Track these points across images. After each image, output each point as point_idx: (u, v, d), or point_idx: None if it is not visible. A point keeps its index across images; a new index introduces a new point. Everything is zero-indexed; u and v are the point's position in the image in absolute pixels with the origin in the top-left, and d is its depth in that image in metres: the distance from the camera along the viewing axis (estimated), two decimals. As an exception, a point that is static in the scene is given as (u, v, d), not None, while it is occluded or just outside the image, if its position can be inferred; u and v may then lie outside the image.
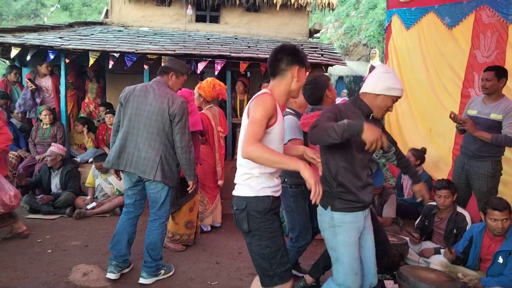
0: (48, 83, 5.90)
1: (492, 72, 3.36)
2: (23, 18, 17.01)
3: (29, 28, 6.00)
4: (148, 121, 2.89)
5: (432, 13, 4.98)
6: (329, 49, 6.61)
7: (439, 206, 3.50)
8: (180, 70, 3.12)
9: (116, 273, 3.03)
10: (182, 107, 2.90)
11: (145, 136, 2.89)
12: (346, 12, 14.07)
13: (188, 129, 2.96)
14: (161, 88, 2.97)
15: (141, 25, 6.96)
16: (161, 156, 2.89)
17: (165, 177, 2.92)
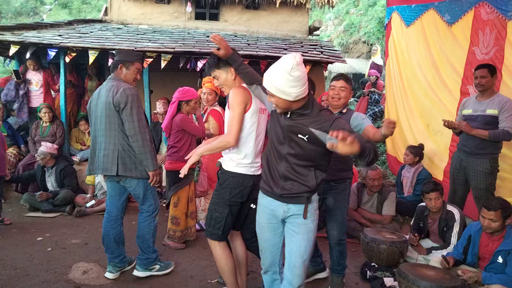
0: (38, 77, 5.86)
1: (486, 69, 3.44)
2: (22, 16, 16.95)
3: (28, 26, 5.99)
4: (102, 119, 2.86)
5: (432, 10, 4.96)
6: (329, 47, 6.60)
7: (431, 208, 3.54)
8: (128, 60, 2.97)
9: (114, 273, 3.05)
10: (125, 94, 2.78)
11: (102, 134, 2.87)
12: (346, 10, 14.02)
13: (137, 116, 2.81)
14: (109, 83, 2.91)
15: (140, 22, 6.95)
16: (118, 150, 2.83)
17: (128, 169, 2.84)
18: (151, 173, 2.90)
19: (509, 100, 3.38)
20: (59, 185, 4.85)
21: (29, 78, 5.79)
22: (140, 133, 2.81)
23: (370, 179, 4.10)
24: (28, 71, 5.83)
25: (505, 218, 2.79)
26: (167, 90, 6.54)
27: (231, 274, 2.52)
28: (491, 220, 2.80)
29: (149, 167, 2.88)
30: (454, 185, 3.78)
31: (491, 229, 2.83)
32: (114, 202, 3.05)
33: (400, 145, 5.54)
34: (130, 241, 3.87)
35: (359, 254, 3.73)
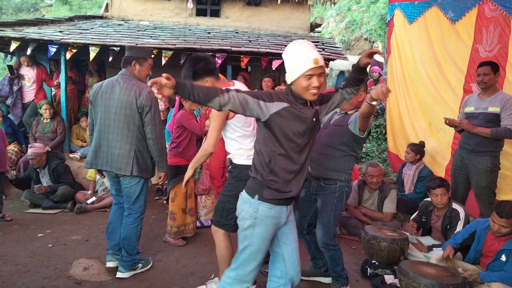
0: (31, 73, 5.86)
1: (489, 67, 3.44)
2: (23, 12, 16.93)
3: (29, 22, 5.98)
4: (117, 117, 2.83)
5: (435, 7, 4.93)
6: (330, 44, 6.57)
7: (436, 205, 3.52)
8: (142, 56, 2.96)
9: (114, 261, 3.08)
10: (150, 97, 2.82)
11: (116, 132, 2.85)
12: (347, 6, 13.97)
13: (158, 120, 2.88)
14: (127, 80, 2.87)
15: (141, 19, 6.93)
16: (135, 151, 2.85)
17: (141, 170, 2.90)
18: (163, 174, 3.03)
19: (511, 98, 3.37)
20: (54, 184, 4.80)
21: (22, 73, 5.81)
22: (161, 136, 2.91)
23: (369, 175, 4.09)
24: (22, 67, 5.84)
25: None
26: (168, 87, 6.53)
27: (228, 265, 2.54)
28: (502, 226, 2.79)
29: (163, 168, 3.00)
30: (455, 183, 3.78)
31: (501, 233, 2.82)
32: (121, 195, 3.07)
33: (402, 143, 5.52)
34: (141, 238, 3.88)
35: (359, 251, 3.73)
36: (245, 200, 2.03)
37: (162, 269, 3.21)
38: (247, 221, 2.01)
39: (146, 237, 3.90)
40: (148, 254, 3.47)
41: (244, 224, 2.02)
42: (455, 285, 2.55)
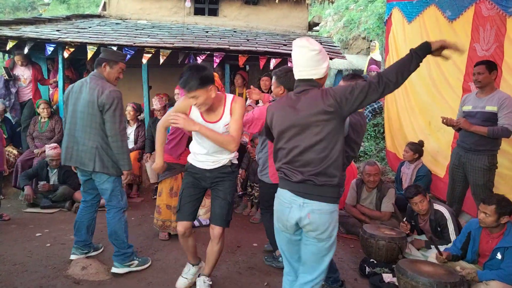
0: (27, 73, 5.75)
1: (483, 66, 3.44)
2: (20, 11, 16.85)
3: (26, 21, 5.95)
4: (82, 115, 2.96)
5: (433, 6, 4.94)
6: (328, 43, 6.58)
7: (418, 212, 3.54)
8: (113, 59, 3.07)
9: (77, 255, 3.21)
10: (111, 96, 2.90)
11: (81, 129, 2.98)
12: (345, 5, 13.96)
13: (119, 118, 2.95)
14: (93, 80, 3.00)
15: (139, 17, 6.91)
16: (97, 147, 2.95)
17: (105, 167, 2.97)
18: (126, 172, 3.07)
19: (509, 97, 3.37)
20: (60, 184, 4.82)
21: (17, 74, 5.70)
22: (120, 134, 2.96)
23: (366, 174, 4.10)
24: (16, 67, 5.72)
25: (500, 215, 2.78)
26: (166, 86, 6.53)
27: None
28: (485, 214, 2.81)
29: (125, 167, 3.04)
30: (453, 182, 3.79)
31: (486, 223, 2.84)
32: (90, 192, 3.21)
33: (400, 142, 5.54)
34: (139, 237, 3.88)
35: (358, 250, 3.74)
36: (332, 210, 1.97)
37: (160, 268, 3.21)
38: (336, 229, 2.01)
39: (145, 236, 3.90)
40: (147, 254, 3.47)
41: (334, 233, 2.00)
42: (453, 283, 2.55)
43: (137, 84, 6.23)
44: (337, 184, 1.96)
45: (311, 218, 1.94)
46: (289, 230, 2.06)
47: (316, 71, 2.02)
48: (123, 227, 3.10)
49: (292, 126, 1.99)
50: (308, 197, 1.95)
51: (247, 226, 4.41)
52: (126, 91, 6.75)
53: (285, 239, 2.11)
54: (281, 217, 2.05)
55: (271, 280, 3.10)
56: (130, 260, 3.11)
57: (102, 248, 3.49)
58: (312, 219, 1.94)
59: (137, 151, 5.51)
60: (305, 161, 1.95)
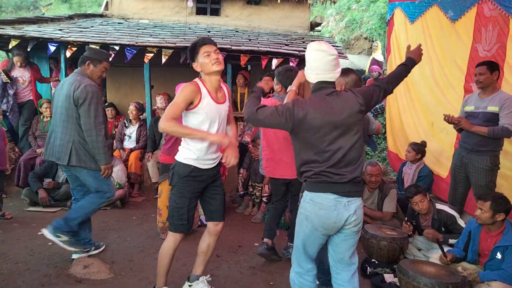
0: (25, 74, 5.60)
1: (484, 66, 3.44)
2: (23, 10, 16.88)
3: (29, 20, 5.97)
4: (60, 110, 3.04)
5: (435, 7, 4.93)
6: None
7: (420, 211, 3.54)
8: (97, 58, 3.14)
9: (78, 254, 3.20)
10: (85, 90, 2.93)
11: (60, 124, 3.04)
12: (347, 5, 13.95)
13: (93, 112, 2.96)
14: (73, 76, 3.06)
15: (141, 17, 6.92)
16: (73, 141, 2.99)
17: (82, 161, 3.01)
18: (102, 167, 3.07)
19: (510, 97, 3.37)
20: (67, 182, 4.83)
21: (16, 75, 5.51)
22: (95, 129, 2.98)
23: (368, 174, 4.09)
24: (14, 68, 5.54)
25: (495, 212, 2.79)
26: (168, 86, 6.53)
27: None
28: (481, 210, 2.84)
29: (101, 161, 3.05)
30: (455, 182, 3.78)
31: (481, 220, 2.87)
32: (78, 189, 3.26)
33: (402, 142, 5.53)
34: (141, 237, 3.89)
35: (359, 250, 3.71)
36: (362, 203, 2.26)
37: (162, 267, 3.21)
38: None
39: (146, 236, 3.91)
40: (148, 253, 3.48)
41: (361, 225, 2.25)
42: (454, 284, 2.56)
43: (139, 83, 6.24)
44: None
45: (358, 213, 2.09)
46: (332, 232, 2.13)
47: (332, 74, 2.15)
48: (86, 213, 3.12)
49: (335, 127, 2.05)
50: (352, 195, 2.08)
51: (248, 226, 4.42)
52: (128, 90, 6.78)
53: (320, 241, 2.16)
54: (326, 222, 2.07)
55: (274, 279, 3.10)
56: (61, 233, 3.05)
57: (103, 246, 3.50)
58: (359, 215, 2.10)
59: (139, 150, 5.52)
60: (347, 161, 2.06)
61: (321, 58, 2.11)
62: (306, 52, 2.20)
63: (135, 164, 5.36)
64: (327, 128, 2.05)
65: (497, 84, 3.58)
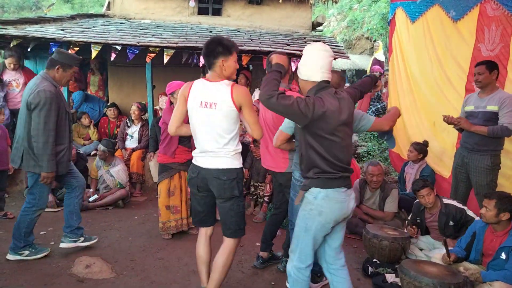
0: (19, 77, 5.24)
1: (483, 66, 3.46)
2: (25, 10, 16.94)
3: (31, 20, 5.98)
4: (20, 113, 3.05)
5: (437, 6, 4.92)
6: (332, 42, 6.57)
7: (425, 205, 3.54)
8: (67, 63, 3.10)
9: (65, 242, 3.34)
10: (38, 96, 2.89)
11: (19, 127, 3.07)
12: (349, 5, 13.95)
13: (43, 119, 2.92)
14: (34, 79, 3.05)
15: (143, 17, 6.93)
16: (24, 146, 3.00)
17: (29, 166, 3.02)
18: (43, 174, 3.01)
19: (510, 96, 3.37)
20: None
21: (7, 79, 5.19)
22: (42, 135, 2.93)
23: (369, 174, 4.09)
24: (5, 71, 5.24)
25: (499, 210, 2.79)
26: (169, 85, 6.54)
27: None
28: (486, 208, 2.84)
29: (43, 168, 3.00)
30: (456, 182, 3.78)
31: (486, 218, 2.86)
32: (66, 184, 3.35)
33: (404, 142, 5.52)
34: (143, 236, 3.90)
35: (361, 250, 3.74)
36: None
37: (164, 267, 3.22)
38: None
39: (148, 235, 3.92)
40: (150, 252, 3.48)
41: None
42: (456, 284, 2.55)
43: (141, 83, 6.25)
44: None
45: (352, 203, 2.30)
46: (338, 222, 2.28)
47: (330, 74, 2.27)
48: (26, 222, 3.15)
49: (344, 125, 2.20)
50: (350, 186, 2.28)
51: (250, 226, 4.38)
52: (130, 90, 6.79)
53: (325, 233, 2.27)
54: (339, 214, 2.23)
55: (275, 279, 3.10)
56: (21, 250, 3.16)
57: (95, 239, 3.51)
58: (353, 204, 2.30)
59: (140, 150, 5.53)
60: (348, 157, 2.26)
61: (326, 57, 2.22)
62: (308, 52, 2.24)
63: (137, 164, 5.37)
64: (339, 127, 2.17)
65: (501, 84, 3.58)
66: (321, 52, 2.21)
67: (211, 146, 2.41)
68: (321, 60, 2.20)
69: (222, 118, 2.37)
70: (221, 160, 2.41)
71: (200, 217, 2.62)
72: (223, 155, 2.40)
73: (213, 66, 2.39)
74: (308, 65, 2.23)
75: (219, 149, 2.40)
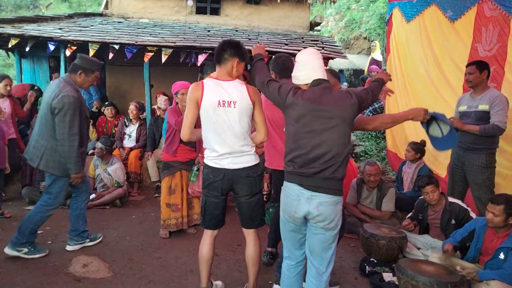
0: (5, 105, 4.61)
1: (474, 66, 3.49)
2: (22, 9, 16.89)
3: (29, 19, 5.97)
4: (41, 113, 3.13)
5: (434, 6, 4.93)
6: (329, 42, 6.58)
7: (430, 201, 3.53)
8: (90, 68, 3.19)
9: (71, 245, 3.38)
10: (62, 101, 2.97)
11: (38, 127, 3.14)
12: (347, 5, 13.97)
13: (68, 123, 3.00)
14: (57, 82, 3.11)
15: (141, 16, 6.92)
16: (46, 147, 3.07)
17: (50, 167, 3.09)
18: (73, 176, 3.15)
19: (500, 95, 3.41)
20: None
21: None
22: (68, 139, 3.03)
23: (367, 174, 4.10)
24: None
25: (509, 215, 2.77)
26: (167, 85, 6.52)
27: None
28: (494, 214, 2.79)
29: (71, 170, 3.13)
30: (453, 181, 3.79)
31: (493, 223, 2.82)
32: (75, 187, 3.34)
33: (401, 141, 5.53)
34: (140, 235, 3.89)
35: (358, 249, 3.74)
36: (337, 201, 2.16)
37: (161, 266, 3.22)
38: (340, 218, 2.20)
39: (145, 234, 3.91)
40: (147, 251, 3.48)
41: (339, 223, 2.19)
42: (453, 283, 2.55)
43: (138, 82, 6.24)
44: None
45: (320, 210, 2.11)
46: (296, 222, 2.22)
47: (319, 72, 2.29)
48: (36, 220, 3.19)
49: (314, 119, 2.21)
50: (318, 190, 2.15)
51: (247, 225, 4.41)
52: (128, 90, 6.79)
53: (290, 228, 2.27)
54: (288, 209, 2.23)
55: (273, 278, 3.10)
56: (20, 247, 3.18)
57: (100, 238, 3.58)
58: (322, 211, 2.11)
59: (138, 150, 5.52)
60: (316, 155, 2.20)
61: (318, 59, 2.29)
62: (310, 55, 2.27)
63: (135, 163, 5.37)
64: (307, 119, 2.14)
65: (498, 84, 3.60)
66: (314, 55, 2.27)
67: (235, 145, 2.42)
68: (317, 60, 2.25)
69: (242, 116, 2.42)
70: (247, 158, 2.47)
71: (216, 220, 2.60)
72: (247, 153, 2.47)
73: (225, 62, 2.42)
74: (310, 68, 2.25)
75: (242, 147, 2.44)
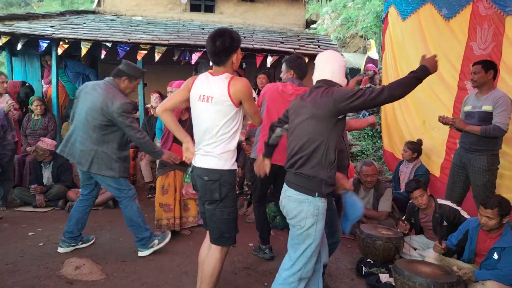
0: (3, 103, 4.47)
1: (479, 65, 3.45)
2: (14, 6, 16.66)
3: (20, 17, 5.88)
4: (88, 117, 3.11)
5: (429, 4, 4.92)
6: (325, 40, 6.55)
7: (419, 206, 3.52)
8: (134, 75, 3.25)
9: (63, 248, 3.34)
10: (122, 108, 3.05)
11: (84, 130, 3.14)
12: (343, 3, 13.93)
13: (134, 125, 3.12)
14: (107, 88, 3.14)
15: (134, 14, 6.85)
16: (96, 151, 3.12)
17: (102, 169, 3.14)
18: (164, 157, 3.28)
19: (504, 96, 3.37)
20: (54, 180, 4.77)
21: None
22: (138, 137, 3.14)
23: (364, 174, 4.08)
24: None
25: (502, 216, 2.78)
26: (161, 83, 6.46)
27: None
28: (488, 218, 2.79)
29: (157, 156, 3.34)
30: (453, 182, 3.75)
31: (488, 227, 2.82)
32: (87, 186, 3.38)
33: (397, 141, 5.52)
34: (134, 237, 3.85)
35: (354, 250, 3.72)
36: (301, 200, 2.16)
37: (155, 267, 3.18)
38: (309, 219, 2.15)
39: (139, 236, 3.86)
40: (141, 253, 3.43)
41: (305, 224, 2.16)
42: (449, 283, 2.54)
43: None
44: None
45: (284, 203, 2.26)
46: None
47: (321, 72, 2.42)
48: (136, 213, 3.28)
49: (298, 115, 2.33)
50: (289, 185, 2.25)
51: (242, 226, 4.35)
52: (121, 88, 6.70)
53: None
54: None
55: (268, 280, 3.07)
56: (151, 242, 3.34)
57: (93, 239, 3.57)
58: (285, 204, 2.24)
59: (131, 150, 5.45)
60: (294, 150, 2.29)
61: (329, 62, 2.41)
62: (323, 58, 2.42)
63: (129, 163, 5.31)
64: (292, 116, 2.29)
65: (494, 83, 3.57)
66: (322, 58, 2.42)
67: (201, 143, 2.30)
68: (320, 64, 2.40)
69: (217, 113, 2.23)
70: (207, 158, 2.26)
71: (204, 218, 2.50)
72: (210, 154, 2.25)
73: (226, 63, 2.27)
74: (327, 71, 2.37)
75: (208, 146, 2.26)
